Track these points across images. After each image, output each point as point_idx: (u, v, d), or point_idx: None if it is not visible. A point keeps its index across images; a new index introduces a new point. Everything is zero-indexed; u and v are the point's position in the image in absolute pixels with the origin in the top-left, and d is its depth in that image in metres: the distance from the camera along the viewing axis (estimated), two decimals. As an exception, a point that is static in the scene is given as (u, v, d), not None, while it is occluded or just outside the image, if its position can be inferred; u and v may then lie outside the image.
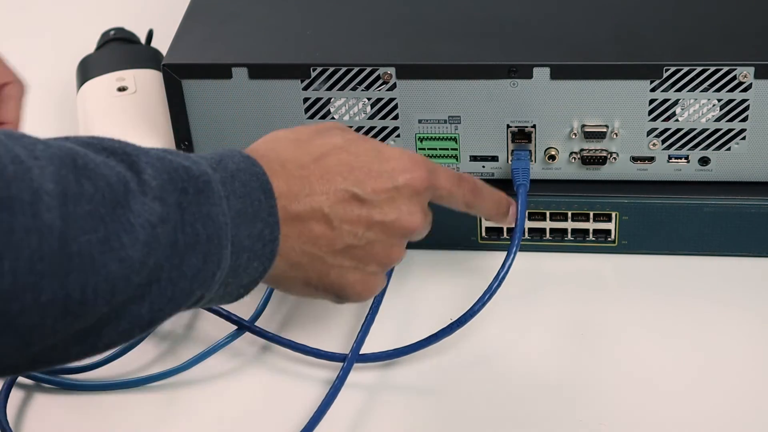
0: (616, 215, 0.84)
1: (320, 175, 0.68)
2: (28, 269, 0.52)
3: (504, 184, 0.85)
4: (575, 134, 0.82)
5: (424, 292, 0.85)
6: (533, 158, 0.84)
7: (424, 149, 0.84)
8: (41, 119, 1.05)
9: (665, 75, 0.79)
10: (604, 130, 0.82)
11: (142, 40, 1.06)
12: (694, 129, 0.82)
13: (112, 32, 1.05)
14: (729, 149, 0.82)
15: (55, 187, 0.53)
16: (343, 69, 0.81)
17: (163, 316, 0.59)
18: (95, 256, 0.54)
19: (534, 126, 0.83)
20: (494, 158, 0.85)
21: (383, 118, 0.83)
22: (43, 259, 0.52)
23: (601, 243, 0.86)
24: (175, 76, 0.83)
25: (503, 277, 0.78)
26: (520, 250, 0.79)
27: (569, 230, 0.86)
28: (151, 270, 0.57)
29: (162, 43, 0.97)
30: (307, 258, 0.68)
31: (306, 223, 0.67)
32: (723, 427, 0.74)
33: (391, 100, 0.82)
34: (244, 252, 0.63)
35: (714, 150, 0.82)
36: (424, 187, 0.71)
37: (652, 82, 0.80)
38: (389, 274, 0.78)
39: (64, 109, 1.05)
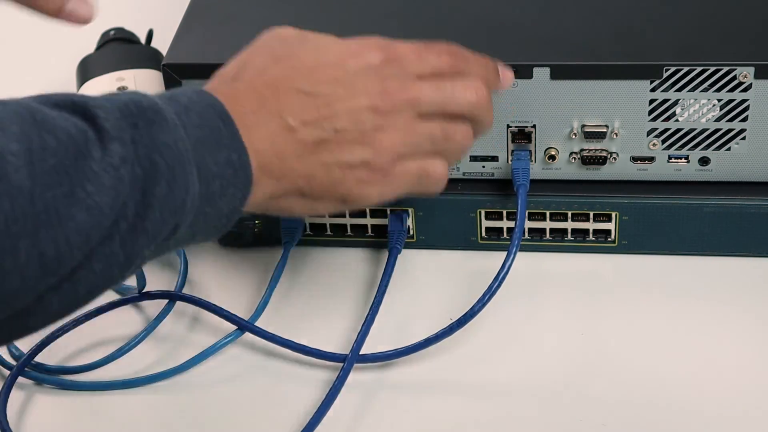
0: (616, 215, 0.84)
1: (267, 84, 0.68)
2: (4, 233, 0.52)
3: (504, 184, 0.85)
4: (575, 134, 0.82)
5: (424, 292, 0.85)
6: (533, 158, 0.84)
7: (424, 149, 0.84)
8: (41, 119, 1.06)
9: (665, 75, 0.79)
10: (604, 130, 0.82)
11: (142, 40, 1.06)
12: (694, 129, 0.81)
13: (112, 32, 1.05)
14: (729, 149, 0.82)
15: (19, 146, 0.53)
16: (343, 69, 0.81)
17: (139, 250, 0.58)
18: (61, 211, 0.54)
19: (534, 126, 0.83)
20: (494, 158, 0.85)
21: (383, 118, 0.83)
22: (17, 220, 0.52)
23: (601, 243, 0.86)
24: (175, 76, 0.83)
25: (503, 278, 0.78)
26: (520, 250, 0.79)
27: (569, 230, 0.86)
28: (119, 210, 0.57)
29: (162, 43, 0.97)
30: (286, 166, 0.67)
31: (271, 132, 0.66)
32: (723, 426, 0.74)
33: (391, 100, 0.82)
34: (215, 179, 0.62)
35: (714, 150, 0.82)
36: (379, 59, 0.69)
37: (652, 82, 0.80)
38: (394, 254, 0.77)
39: (64, 109, 1.05)
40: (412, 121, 0.70)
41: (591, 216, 0.85)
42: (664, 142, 0.82)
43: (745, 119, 0.80)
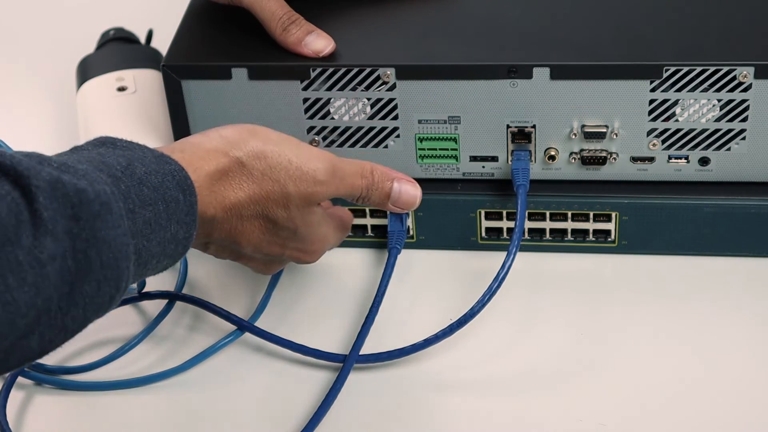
0: (616, 215, 0.84)
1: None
2: None
3: (504, 185, 0.85)
4: (575, 134, 0.82)
5: (424, 292, 0.85)
6: (533, 158, 0.84)
7: (424, 149, 0.84)
8: (41, 119, 1.06)
9: (665, 75, 0.79)
10: (604, 130, 0.82)
11: (142, 40, 1.06)
12: (694, 129, 0.82)
13: (112, 32, 1.05)
14: (729, 149, 0.82)
15: None
16: (343, 69, 0.81)
17: (55, 345, 0.58)
18: None
19: (534, 126, 0.83)
20: (494, 158, 0.85)
21: (383, 118, 0.83)
22: None
23: (601, 243, 0.86)
24: (175, 76, 0.83)
25: (503, 278, 0.78)
26: (520, 251, 0.79)
27: (569, 230, 0.86)
28: (39, 307, 0.55)
29: (162, 43, 0.97)
30: (216, 245, 0.74)
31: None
32: (723, 426, 0.74)
33: (391, 100, 0.82)
34: (153, 258, 0.62)
35: (714, 150, 0.82)
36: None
37: (652, 82, 0.80)
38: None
39: (64, 109, 1.05)
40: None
41: (591, 216, 0.85)
42: (664, 142, 0.82)
43: (745, 119, 0.80)
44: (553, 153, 0.83)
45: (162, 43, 0.97)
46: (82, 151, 0.63)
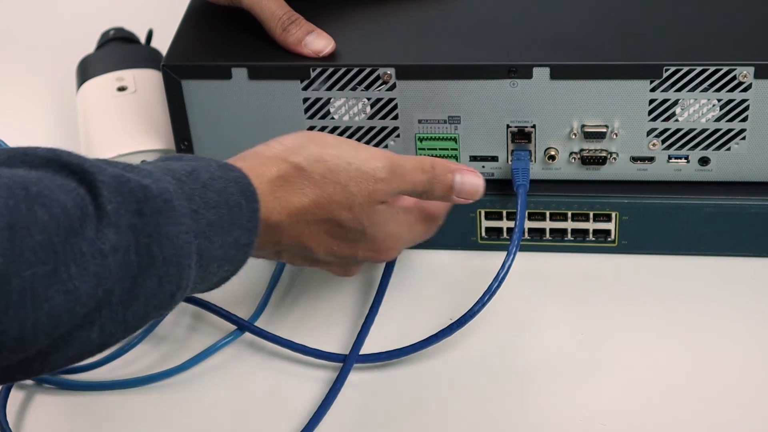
0: (616, 215, 0.84)
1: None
2: None
3: (504, 184, 0.85)
4: (575, 134, 0.82)
5: (424, 292, 0.85)
6: (533, 158, 0.84)
7: (424, 149, 0.84)
8: (41, 119, 1.06)
9: (665, 75, 0.79)
10: (604, 130, 0.82)
11: (142, 40, 1.06)
12: (694, 129, 0.82)
13: (111, 32, 1.05)
14: (729, 149, 0.82)
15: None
16: (343, 69, 0.82)
17: (116, 339, 0.58)
18: (38, 291, 0.53)
19: (534, 126, 0.83)
20: (494, 158, 0.85)
21: (383, 118, 0.83)
22: None
23: (601, 243, 0.86)
24: (175, 76, 0.83)
25: (503, 278, 0.78)
26: (520, 250, 0.79)
27: (569, 230, 0.86)
28: (100, 298, 0.55)
29: (162, 43, 0.97)
30: (289, 252, 0.74)
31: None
32: (723, 426, 0.74)
33: (391, 100, 0.82)
34: (215, 261, 0.63)
35: (714, 150, 0.82)
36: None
37: (652, 82, 0.80)
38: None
39: (64, 108, 1.05)
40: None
41: (591, 216, 0.85)
42: (663, 142, 0.82)
43: (745, 119, 0.80)
44: (553, 153, 0.83)
45: (162, 43, 0.97)
46: (148, 163, 0.64)
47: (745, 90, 0.79)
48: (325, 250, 0.73)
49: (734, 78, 0.79)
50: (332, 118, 0.84)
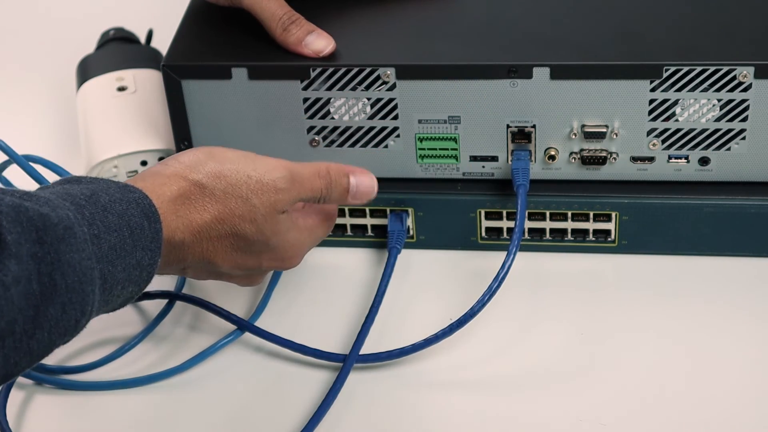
0: (616, 215, 0.84)
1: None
2: None
3: (504, 184, 0.85)
4: (575, 134, 0.82)
5: (424, 292, 0.85)
6: (533, 158, 0.84)
7: (424, 149, 0.84)
8: (41, 119, 1.06)
9: (665, 75, 0.79)
10: (604, 130, 0.82)
11: (142, 40, 1.06)
12: (694, 129, 0.81)
13: (111, 32, 1.05)
14: (729, 149, 0.82)
15: None
16: (343, 69, 0.82)
17: (21, 368, 0.58)
18: None
19: (534, 126, 0.83)
20: (494, 158, 0.85)
21: (383, 118, 0.83)
22: None
23: (601, 243, 0.86)
24: (175, 76, 0.83)
25: (503, 278, 0.78)
26: (520, 250, 0.79)
27: (569, 230, 0.86)
28: (3, 329, 0.55)
29: (162, 43, 0.97)
30: (193, 268, 0.75)
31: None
32: (723, 426, 0.74)
33: (391, 100, 0.82)
34: (118, 284, 0.63)
35: (714, 150, 0.82)
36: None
37: (652, 82, 0.80)
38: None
39: (64, 108, 1.05)
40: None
41: (591, 216, 0.85)
42: (664, 142, 0.82)
43: (745, 119, 0.80)
44: (553, 153, 0.83)
45: (162, 43, 0.97)
46: (45, 188, 0.64)
47: (745, 90, 0.79)
48: (230, 264, 0.74)
49: (734, 78, 0.79)
50: (332, 118, 0.84)
